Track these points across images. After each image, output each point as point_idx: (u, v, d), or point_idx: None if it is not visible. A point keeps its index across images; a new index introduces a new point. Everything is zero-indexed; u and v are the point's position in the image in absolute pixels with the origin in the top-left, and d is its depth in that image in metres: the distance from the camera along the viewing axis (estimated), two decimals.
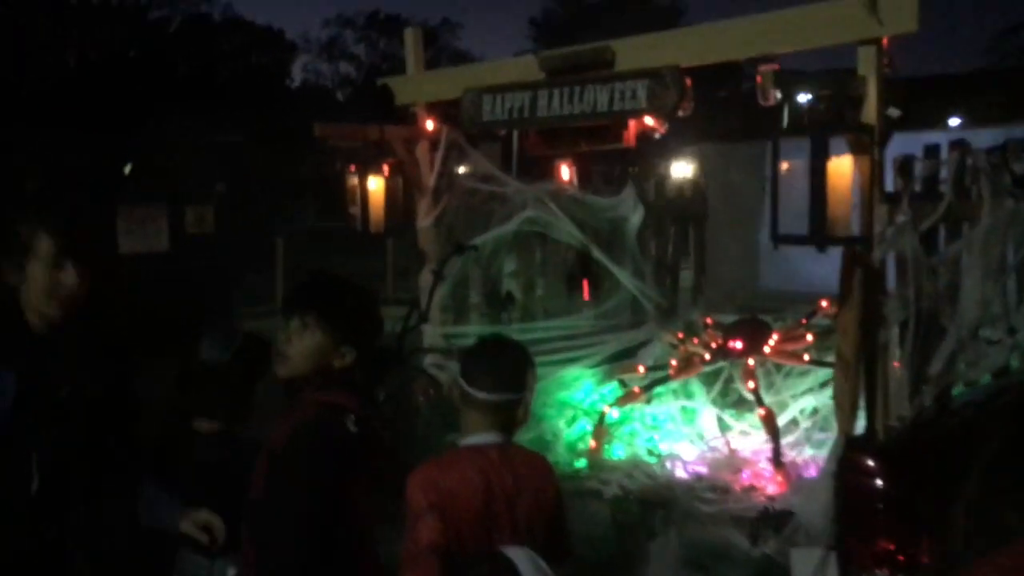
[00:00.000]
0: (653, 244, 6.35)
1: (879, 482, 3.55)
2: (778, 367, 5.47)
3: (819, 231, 3.16)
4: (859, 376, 3.36)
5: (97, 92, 24.17)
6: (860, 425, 4.59)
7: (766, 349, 5.14)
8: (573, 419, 5.49)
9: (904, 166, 3.62)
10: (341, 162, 26.94)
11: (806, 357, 5.11)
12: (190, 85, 29.05)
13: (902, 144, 3.68)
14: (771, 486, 4.65)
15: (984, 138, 4.32)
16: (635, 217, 6.06)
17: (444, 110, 5.10)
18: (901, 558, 3.57)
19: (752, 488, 4.68)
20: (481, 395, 3.14)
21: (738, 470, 4.90)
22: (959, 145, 4.10)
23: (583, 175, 5.82)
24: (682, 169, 6.52)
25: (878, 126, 3.38)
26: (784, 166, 3.31)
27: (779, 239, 3.30)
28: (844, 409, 3.41)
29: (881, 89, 3.41)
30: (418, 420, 4.96)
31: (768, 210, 6.12)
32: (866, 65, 3.42)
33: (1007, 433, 1.68)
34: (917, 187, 3.72)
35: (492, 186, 5.23)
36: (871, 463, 3.55)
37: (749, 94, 3.77)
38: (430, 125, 4.99)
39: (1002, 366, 4.27)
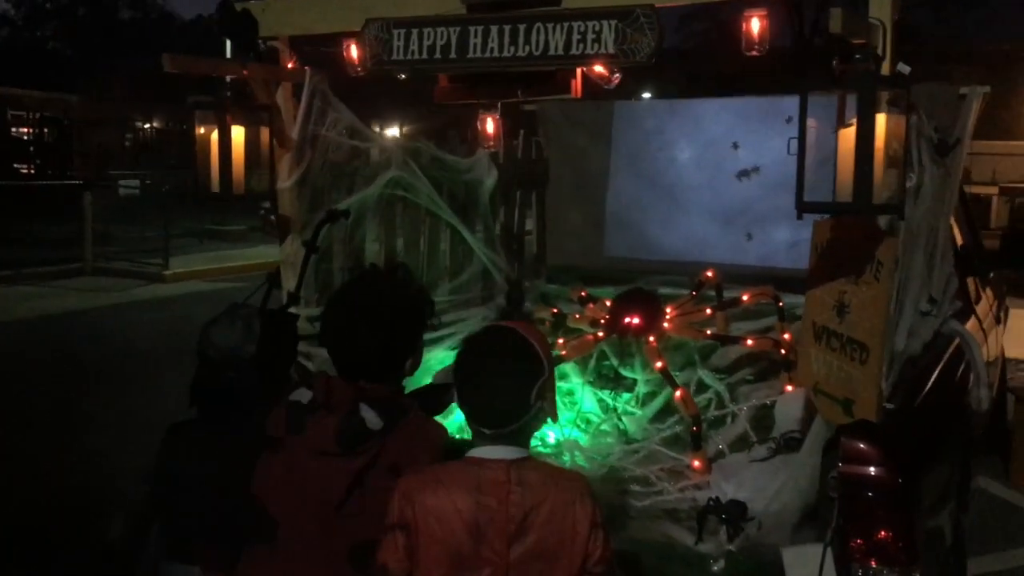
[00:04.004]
0: (502, 210, 5.81)
1: (874, 469, 3.30)
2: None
3: (865, 198, 2.78)
4: (881, 360, 3.05)
5: None
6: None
7: (665, 324, 4.79)
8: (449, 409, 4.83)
9: None
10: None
11: (708, 332, 4.82)
12: None
13: None
14: (692, 473, 4.30)
15: None
16: (489, 180, 5.50)
17: (311, 48, 4.23)
18: (894, 549, 3.36)
19: (673, 476, 4.30)
20: (489, 431, 2.52)
21: (645, 458, 4.51)
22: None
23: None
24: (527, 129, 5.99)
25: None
26: (811, 124, 2.90)
27: (805, 208, 2.89)
28: (864, 399, 3.08)
29: (896, 41, 3.09)
30: None
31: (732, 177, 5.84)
32: (880, 11, 3.09)
33: None
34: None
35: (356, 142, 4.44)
36: (867, 449, 3.29)
37: None
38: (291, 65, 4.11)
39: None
